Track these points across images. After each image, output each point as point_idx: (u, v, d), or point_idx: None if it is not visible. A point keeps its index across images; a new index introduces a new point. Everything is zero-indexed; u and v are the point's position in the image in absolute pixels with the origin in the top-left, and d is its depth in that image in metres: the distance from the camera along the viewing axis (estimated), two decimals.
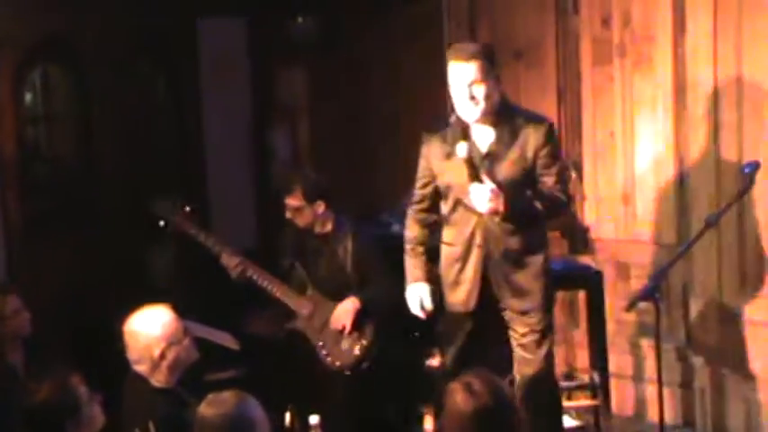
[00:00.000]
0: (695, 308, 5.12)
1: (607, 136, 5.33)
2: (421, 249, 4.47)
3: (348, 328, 5.00)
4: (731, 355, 4.99)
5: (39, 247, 5.70)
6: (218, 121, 6.37)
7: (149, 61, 6.22)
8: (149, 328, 3.86)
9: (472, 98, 4.13)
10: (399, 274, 5.22)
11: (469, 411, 2.85)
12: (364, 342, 5.02)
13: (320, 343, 5.05)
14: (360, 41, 6.33)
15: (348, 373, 5.01)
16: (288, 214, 5.12)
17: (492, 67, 4.16)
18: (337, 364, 5.02)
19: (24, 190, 5.71)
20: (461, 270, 4.31)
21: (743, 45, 4.81)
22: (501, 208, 4.05)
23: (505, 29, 5.60)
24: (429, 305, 4.41)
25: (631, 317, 5.08)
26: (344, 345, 5.03)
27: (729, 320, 4.98)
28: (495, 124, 4.20)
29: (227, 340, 5.23)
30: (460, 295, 4.33)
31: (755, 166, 4.24)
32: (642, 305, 4.16)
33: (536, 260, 4.26)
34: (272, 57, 6.53)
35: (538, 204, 4.16)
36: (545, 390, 4.36)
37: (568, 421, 4.98)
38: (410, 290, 4.45)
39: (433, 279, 4.46)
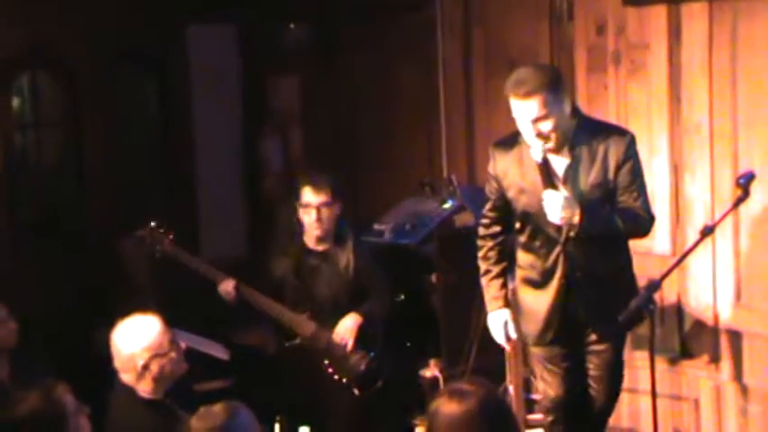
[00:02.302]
0: (690, 319, 5.09)
1: None
2: (496, 273, 4.26)
3: (351, 344, 4.96)
4: (726, 367, 4.96)
5: (26, 257, 5.67)
6: (208, 129, 6.37)
7: (139, 69, 6.21)
8: (134, 337, 3.84)
9: (539, 135, 3.92)
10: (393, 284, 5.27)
11: (458, 415, 2.72)
12: (370, 357, 5.00)
13: (326, 362, 5.01)
14: (352, 50, 6.32)
15: (356, 391, 4.98)
16: (312, 215, 4.92)
17: (556, 95, 3.93)
18: (344, 381, 5.00)
19: (12, 198, 5.68)
20: (536, 300, 4.18)
21: (738, 54, 4.80)
22: (576, 219, 3.87)
23: (499, 37, 5.59)
24: (514, 333, 4.28)
25: None
26: (351, 361, 5.00)
27: (724, 332, 4.96)
28: (572, 147, 4.03)
29: (217, 350, 5.22)
30: (534, 327, 4.21)
31: (750, 176, 4.21)
32: None
33: (625, 281, 4.19)
34: (263, 65, 6.53)
35: (618, 220, 3.99)
36: (601, 419, 4.37)
37: None
38: (492, 318, 4.29)
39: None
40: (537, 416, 4.85)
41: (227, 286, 4.95)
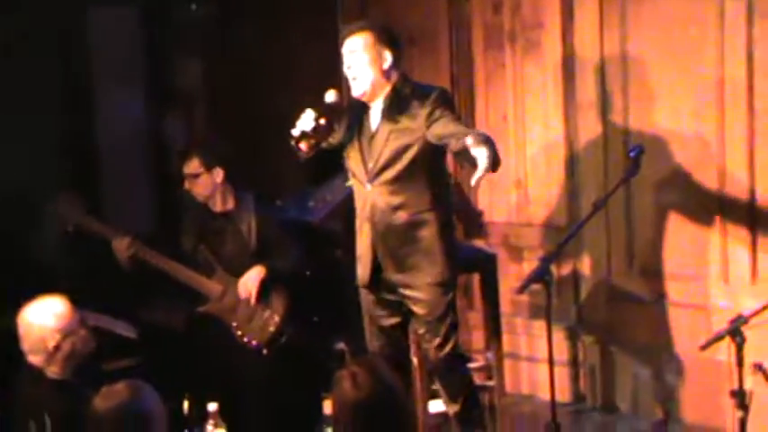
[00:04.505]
0: (585, 289, 5.28)
1: (500, 120, 5.44)
2: None
3: (254, 295, 5.02)
4: (619, 334, 5.16)
5: None
6: (112, 110, 6.32)
7: (40, 52, 6.07)
8: (43, 318, 3.85)
9: (349, 68, 4.17)
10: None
11: (351, 402, 2.89)
12: (276, 318, 5.07)
13: (234, 324, 5.07)
14: (253, 29, 6.32)
15: (265, 351, 5.04)
16: (186, 185, 5.11)
17: (377, 44, 4.15)
18: (254, 342, 5.06)
19: None
20: (360, 242, 4.33)
21: (627, 32, 4.97)
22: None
23: (399, 16, 5.63)
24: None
25: (524, 298, 5.22)
26: (258, 322, 5.07)
27: (618, 300, 5.15)
28: (387, 98, 4.19)
29: (124, 329, 5.22)
30: (360, 269, 4.35)
31: (640, 150, 4.34)
32: (534, 287, 4.21)
33: (425, 236, 4.20)
34: (165, 45, 6.50)
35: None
36: (447, 373, 4.41)
37: None
38: None
39: None
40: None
41: (122, 243, 4.98)
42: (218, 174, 5.09)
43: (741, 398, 3.76)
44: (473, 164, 3.78)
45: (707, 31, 4.71)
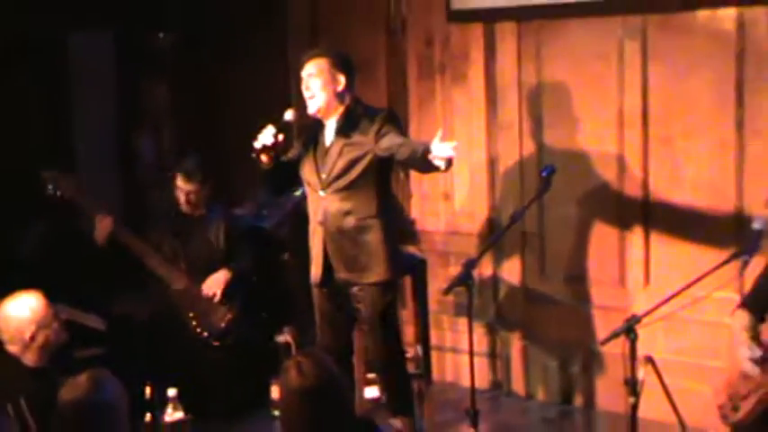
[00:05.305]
0: (503, 290, 5.62)
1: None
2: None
3: (219, 295, 5.35)
4: (533, 330, 5.54)
5: None
6: (87, 128, 6.51)
7: (22, 73, 6.16)
8: (20, 312, 4.06)
9: (307, 89, 4.46)
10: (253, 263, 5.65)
11: (297, 389, 2.96)
12: (230, 316, 5.42)
13: (191, 314, 5.40)
14: (214, 55, 6.53)
15: (216, 343, 5.38)
16: (182, 198, 5.45)
17: (333, 69, 4.45)
18: (205, 334, 5.40)
19: None
20: (313, 244, 4.59)
21: (542, 65, 5.35)
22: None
23: (342, 46, 5.70)
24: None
25: (450, 298, 5.43)
26: (213, 318, 5.41)
27: (531, 300, 5.51)
28: (341, 116, 4.49)
29: (94, 321, 5.44)
30: (313, 269, 4.61)
31: (552, 170, 4.59)
32: (459, 288, 4.42)
33: (371, 240, 4.45)
34: (136, 69, 6.68)
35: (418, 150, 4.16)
36: (386, 367, 4.71)
37: None
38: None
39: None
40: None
41: (105, 220, 5.28)
42: (208, 187, 5.51)
43: (633, 386, 3.96)
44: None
45: (609, 65, 5.12)
